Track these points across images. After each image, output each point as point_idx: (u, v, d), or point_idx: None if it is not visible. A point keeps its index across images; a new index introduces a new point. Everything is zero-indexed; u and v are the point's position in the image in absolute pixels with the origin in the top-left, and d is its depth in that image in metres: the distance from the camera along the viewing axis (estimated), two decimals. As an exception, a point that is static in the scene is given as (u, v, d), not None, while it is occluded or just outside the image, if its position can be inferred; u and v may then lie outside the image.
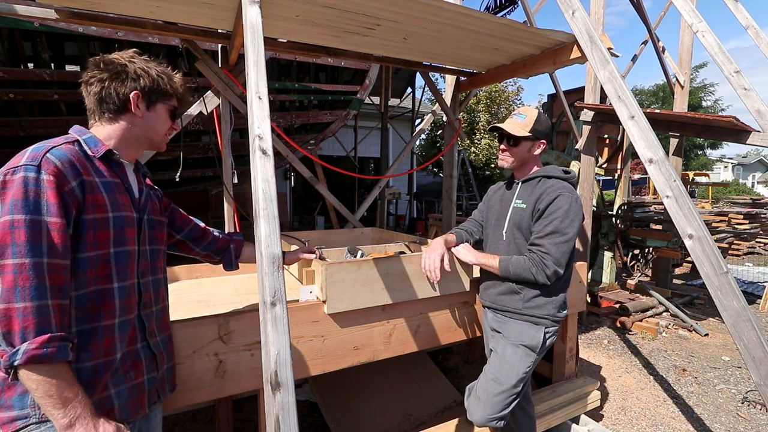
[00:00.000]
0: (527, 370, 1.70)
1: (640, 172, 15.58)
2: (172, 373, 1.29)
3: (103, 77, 1.08)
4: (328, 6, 2.04)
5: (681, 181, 1.86)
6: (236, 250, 1.60)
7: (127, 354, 1.06)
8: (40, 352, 0.85)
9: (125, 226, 1.06)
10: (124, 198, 1.09)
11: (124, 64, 1.10)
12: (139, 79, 1.11)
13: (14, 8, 2.27)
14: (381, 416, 2.51)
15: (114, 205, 1.04)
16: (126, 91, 1.10)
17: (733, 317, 1.70)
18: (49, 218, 0.90)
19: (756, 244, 9.65)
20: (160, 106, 1.17)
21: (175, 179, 3.10)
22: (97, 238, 0.99)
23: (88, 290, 0.98)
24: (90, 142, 1.06)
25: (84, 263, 0.97)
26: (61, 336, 0.89)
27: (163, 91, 1.16)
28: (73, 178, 0.95)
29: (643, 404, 2.98)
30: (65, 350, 0.89)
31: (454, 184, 3.86)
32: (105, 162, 1.07)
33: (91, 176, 1.00)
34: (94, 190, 0.99)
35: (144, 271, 1.14)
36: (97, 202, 1.00)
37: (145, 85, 1.12)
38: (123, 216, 1.06)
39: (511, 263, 1.69)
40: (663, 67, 5.81)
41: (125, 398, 1.05)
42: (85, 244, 0.97)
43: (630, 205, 5.85)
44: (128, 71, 1.10)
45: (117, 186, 1.08)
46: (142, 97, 1.13)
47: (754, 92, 2.96)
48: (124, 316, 1.05)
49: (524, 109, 1.81)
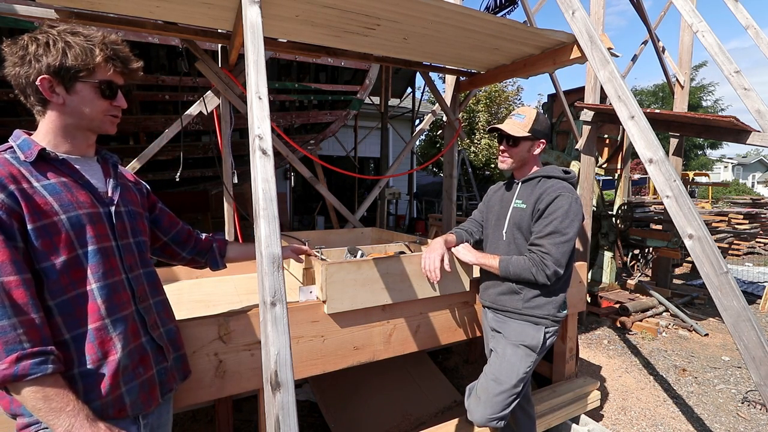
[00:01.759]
0: (527, 370, 1.70)
1: (640, 172, 15.58)
2: (182, 362, 1.27)
3: (11, 64, 0.94)
4: (328, 6, 2.04)
5: (681, 181, 1.86)
6: (220, 249, 1.51)
7: (134, 350, 1.05)
8: (10, 371, 0.83)
9: (87, 223, 0.98)
10: (81, 195, 1.00)
11: (26, 43, 0.93)
12: (42, 58, 0.93)
13: (14, 8, 2.27)
14: (381, 416, 2.51)
15: (65, 206, 0.95)
16: (33, 77, 0.93)
17: (733, 317, 1.70)
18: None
19: (756, 244, 9.65)
20: (80, 86, 0.98)
21: (175, 179, 3.10)
22: (55, 243, 0.93)
23: (68, 296, 0.95)
24: (23, 146, 0.96)
25: (50, 272, 0.92)
26: (32, 352, 0.85)
27: (76, 67, 0.95)
28: (1, 191, 0.87)
29: (643, 404, 2.98)
30: (41, 364, 0.86)
31: (454, 184, 3.86)
32: (45, 163, 0.97)
33: (26, 183, 0.91)
34: (33, 197, 0.91)
35: (131, 265, 1.09)
36: (40, 208, 0.91)
37: (50, 64, 0.93)
38: (81, 214, 0.98)
39: (511, 263, 1.69)
40: (663, 67, 5.81)
41: (136, 394, 1.04)
42: (42, 253, 0.91)
43: (630, 205, 5.85)
44: (30, 51, 0.93)
45: (66, 185, 0.98)
46: (55, 80, 0.95)
47: (754, 92, 2.96)
48: (117, 313, 1.01)
49: (523, 109, 1.81)
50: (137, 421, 1.06)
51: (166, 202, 1.43)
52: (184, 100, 4.06)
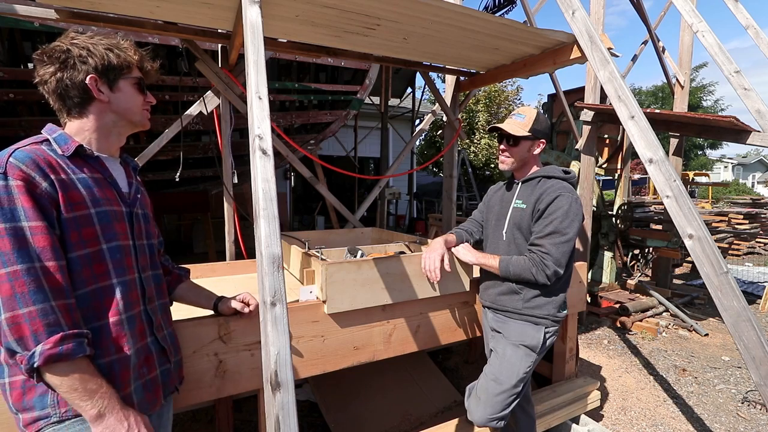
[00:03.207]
0: (527, 370, 1.70)
1: (640, 172, 15.58)
2: (179, 366, 1.29)
3: (53, 71, 1.00)
4: (328, 6, 2.04)
5: (681, 181, 1.86)
6: (168, 284, 1.35)
7: (140, 349, 1.07)
8: (56, 350, 0.86)
9: (113, 220, 1.03)
10: (109, 192, 1.05)
11: (67, 48, 1.00)
12: (88, 60, 1.01)
13: (14, 8, 2.27)
14: (381, 416, 2.51)
15: (95, 201, 1.00)
16: (81, 77, 1.01)
17: (733, 317, 1.70)
18: (29, 223, 0.88)
19: (756, 244, 9.64)
20: (123, 83, 1.08)
21: (175, 179, 3.10)
22: (83, 236, 0.96)
23: (89, 289, 0.97)
24: (60, 140, 1.01)
25: (76, 263, 0.95)
26: (74, 333, 0.89)
27: (118, 66, 1.06)
28: (43, 179, 0.91)
29: (643, 404, 2.98)
30: (81, 346, 0.90)
31: (454, 184, 3.86)
32: (80, 158, 1.02)
33: (64, 174, 0.96)
34: (69, 188, 0.95)
35: (144, 266, 1.13)
36: (75, 199, 0.96)
37: (97, 64, 1.02)
38: (108, 210, 1.02)
39: (511, 263, 1.69)
40: (663, 67, 5.81)
41: (141, 394, 1.05)
42: (71, 243, 0.94)
43: (630, 205, 5.85)
44: (74, 55, 1.00)
45: (98, 181, 1.03)
46: (101, 79, 1.04)
47: (754, 92, 2.96)
48: (129, 311, 1.04)
49: (523, 109, 1.81)
50: None
51: (167, 202, 1.42)
52: (184, 100, 4.06)
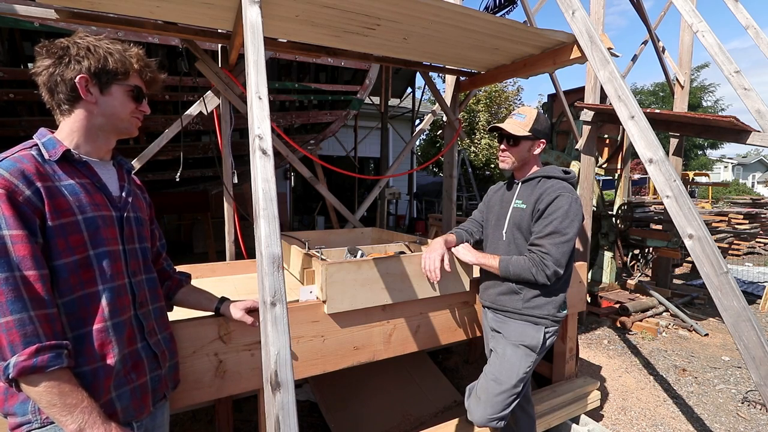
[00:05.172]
0: (527, 370, 1.70)
1: (640, 172, 15.58)
2: (174, 370, 1.27)
3: (47, 64, 0.99)
4: (328, 6, 2.04)
5: (681, 181, 1.86)
6: (169, 288, 1.36)
7: (127, 355, 1.05)
8: (30, 363, 0.84)
9: (101, 226, 1.02)
10: (98, 197, 1.04)
11: (66, 46, 1.00)
12: (83, 60, 1.00)
13: (14, 8, 2.27)
14: (381, 416, 2.51)
15: (82, 207, 0.98)
16: (72, 75, 0.99)
17: (733, 317, 1.70)
18: (9, 231, 0.87)
19: (756, 244, 9.65)
20: (116, 88, 1.06)
21: (175, 179, 3.10)
22: (70, 243, 0.95)
23: (75, 296, 0.96)
24: (48, 145, 0.99)
25: (62, 270, 0.94)
26: (50, 345, 0.87)
27: (114, 71, 1.04)
28: (27, 187, 0.90)
29: (643, 404, 2.98)
30: (58, 358, 0.88)
31: (454, 184, 3.86)
32: (68, 163, 1.01)
33: (50, 181, 0.95)
34: (55, 195, 0.94)
35: (135, 271, 1.11)
36: (61, 206, 0.94)
37: (91, 65, 1.01)
38: (97, 216, 1.01)
39: (511, 263, 1.69)
40: (663, 67, 5.81)
41: (127, 400, 1.04)
42: (57, 251, 0.93)
43: (630, 205, 5.85)
44: (71, 53, 1.00)
45: (86, 186, 1.02)
46: (92, 81, 1.02)
47: (754, 92, 2.96)
48: (117, 317, 1.02)
49: (523, 109, 1.81)
50: (131, 425, 1.05)
51: (167, 202, 1.42)
52: (184, 100, 4.06)
